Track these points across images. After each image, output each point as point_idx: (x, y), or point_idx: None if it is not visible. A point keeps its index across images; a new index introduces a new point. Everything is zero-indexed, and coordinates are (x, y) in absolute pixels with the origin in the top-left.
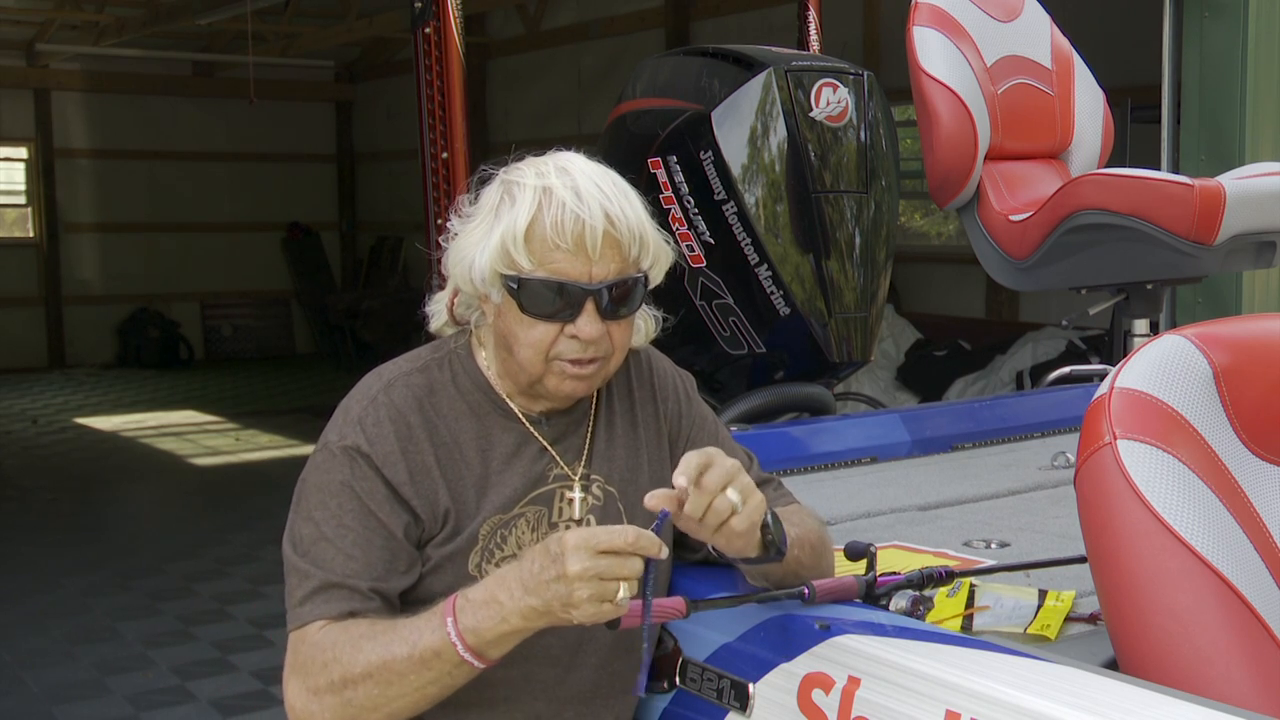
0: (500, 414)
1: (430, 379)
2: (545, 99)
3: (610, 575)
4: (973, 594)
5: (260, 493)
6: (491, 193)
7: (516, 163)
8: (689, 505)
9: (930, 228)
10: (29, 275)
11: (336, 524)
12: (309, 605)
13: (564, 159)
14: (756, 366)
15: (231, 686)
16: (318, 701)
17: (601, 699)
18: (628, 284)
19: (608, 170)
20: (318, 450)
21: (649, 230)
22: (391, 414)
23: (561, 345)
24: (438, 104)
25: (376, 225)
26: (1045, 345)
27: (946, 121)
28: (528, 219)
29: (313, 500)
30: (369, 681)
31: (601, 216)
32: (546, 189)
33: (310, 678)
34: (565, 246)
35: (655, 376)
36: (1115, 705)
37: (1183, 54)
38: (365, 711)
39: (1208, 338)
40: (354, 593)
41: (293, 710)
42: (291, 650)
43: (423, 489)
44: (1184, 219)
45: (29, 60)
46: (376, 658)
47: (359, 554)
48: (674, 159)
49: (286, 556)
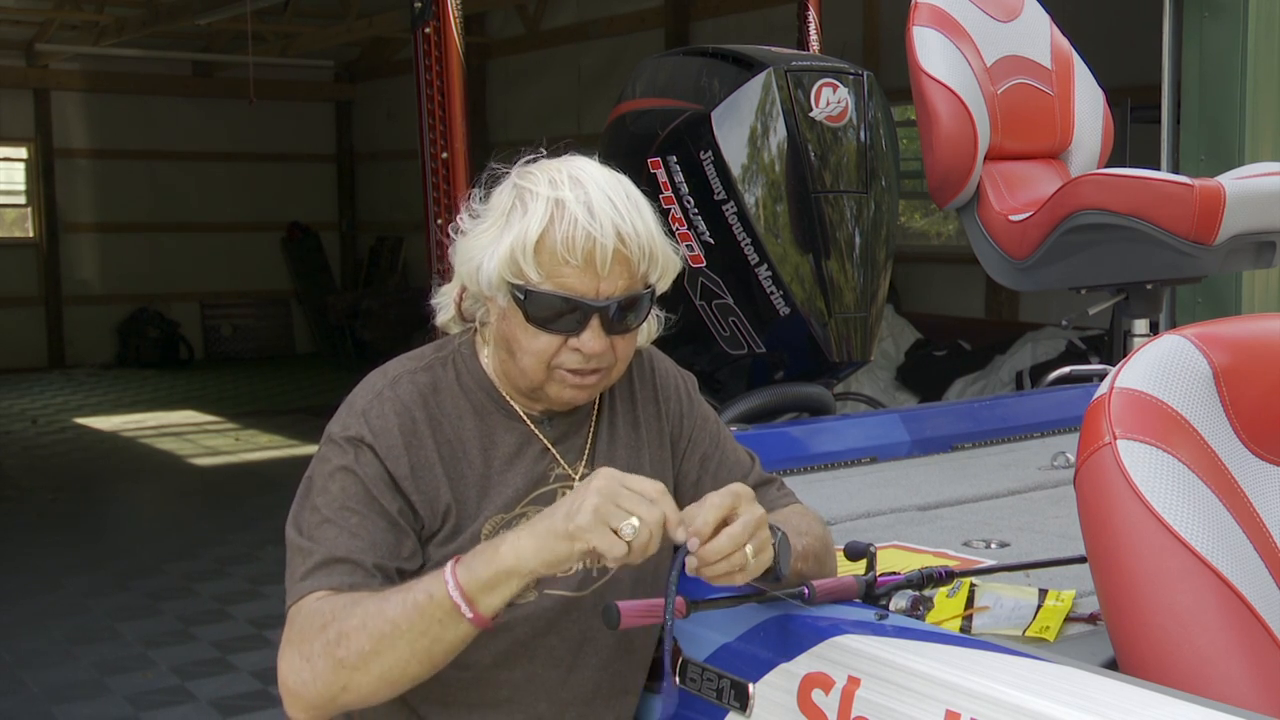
0: (503, 414)
1: (434, 377)
2: (545, 99)
3: (627, 505)
4: (973, 594)
5: (260, 493)
6: (504, 195)
7: (530, 164)
8: (703, 555)
9: (930, 228)
10: (29, 275)
11: (339, 507)
12: (310, 579)
13: (578, 167)
14: (756, 366)
15: (231, 686)
16: (310, 667)
17: (603, 699)
18: (635, 299)
19: (621, 180)
20: (321, 443)
21: (659, 243)
22: (397, 408)
23: (564, 356)
24: (437, 104)
25: (376, 225)
26: (1045, 345)
27: (946, 121)
28: (539, 231)
29: (316, 488)
30: (361, 634)
31: (613, 234)
32: (559, 201)
33: (304, 644)
34: (575, 262)
35: (657, 376)
36: (1115, 705)
37: (1182, 54)
38: (355, 672)
39: (1208, 338)
40: (357, 567)
41: (284, 684)
42: (288, 624)
43: (424, 484)
44: (1184, 219)
45: (29, 60)
46: (372, 608)
47: (363, 534)
48: (674, 159)
49: (289, 539)
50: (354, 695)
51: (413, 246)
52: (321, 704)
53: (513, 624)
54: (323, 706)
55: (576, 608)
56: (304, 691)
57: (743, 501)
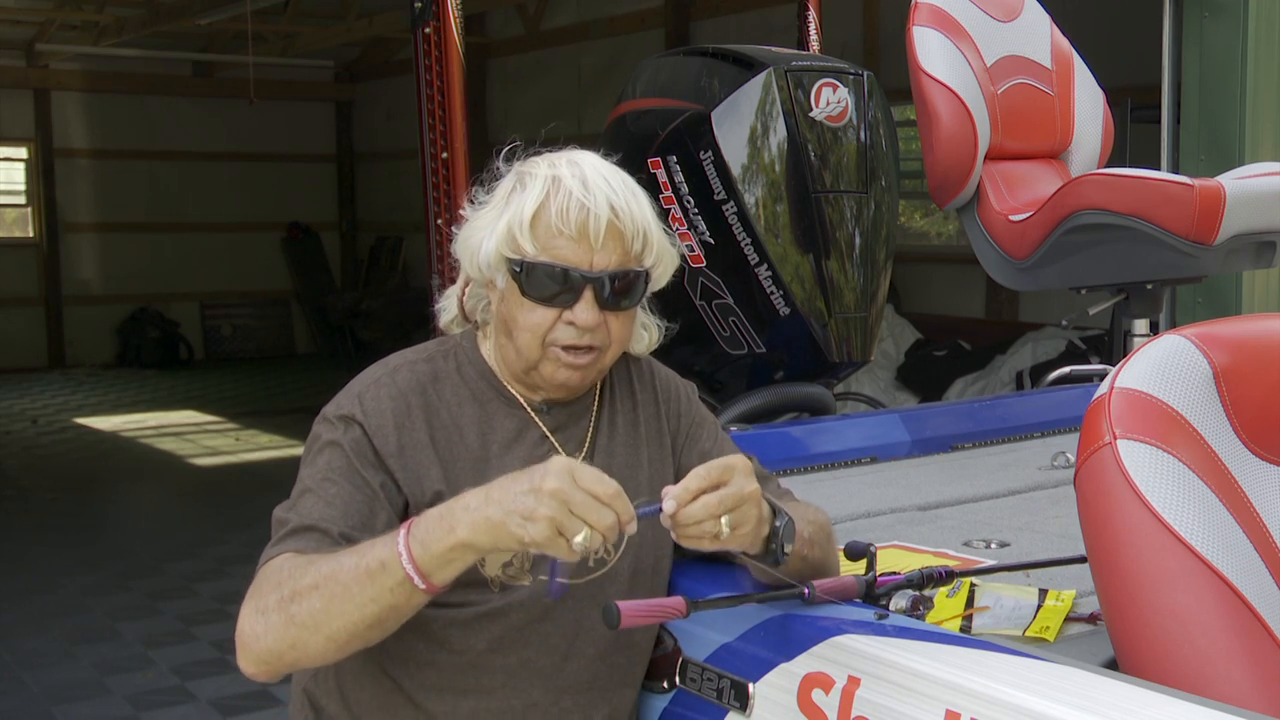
0: (503, 401)
1: (435, 368)
2: (545, 99)
3: (580, 512)
4: (973, 594)
5: (260, 493)
6: (506, 182)
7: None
8: (676, 518)
9: (930, 228)
10: (29, 275)
11: (321, 478)
12: (280, 545)
13: (577, 153)
14: (756, 366)
15: (231, 686)
16: (263, 621)
17: (599, 690)
18: (629, 276)
19: (619, 169)
20: (315, 423)
21: (654, 229)
22: (392, 393)
23: (559, 331)
24: (438, 104)
25: (376, 225)
26: (1045, 345)
27: (946, 121)
28: (535, 205)
29: (304, 462)
30: (315, 594)
31: (606, 207)
32: (556, 178)
33: (260, 598)
34: (569, 233)
35: (657, 380)
36: (1115, 705)
37: (1183, 54)
38: (305, 631)
39: (1208, 338)
40: (325, 535)
41: (240, 636)
42: (253, 582)
43: (412, 463)
44: (1184, 219)
45: (29, 60)
46: (327, 569)
47: (338, 503)
48: (674, 159)
49: (274, 515)
50: (302, 653)
51: (413, 246)
52: (270, 659)
53: (507, 610)
54: (271, 662)
55: (571, 595)
56: (254, 645)
57: (735, 474)
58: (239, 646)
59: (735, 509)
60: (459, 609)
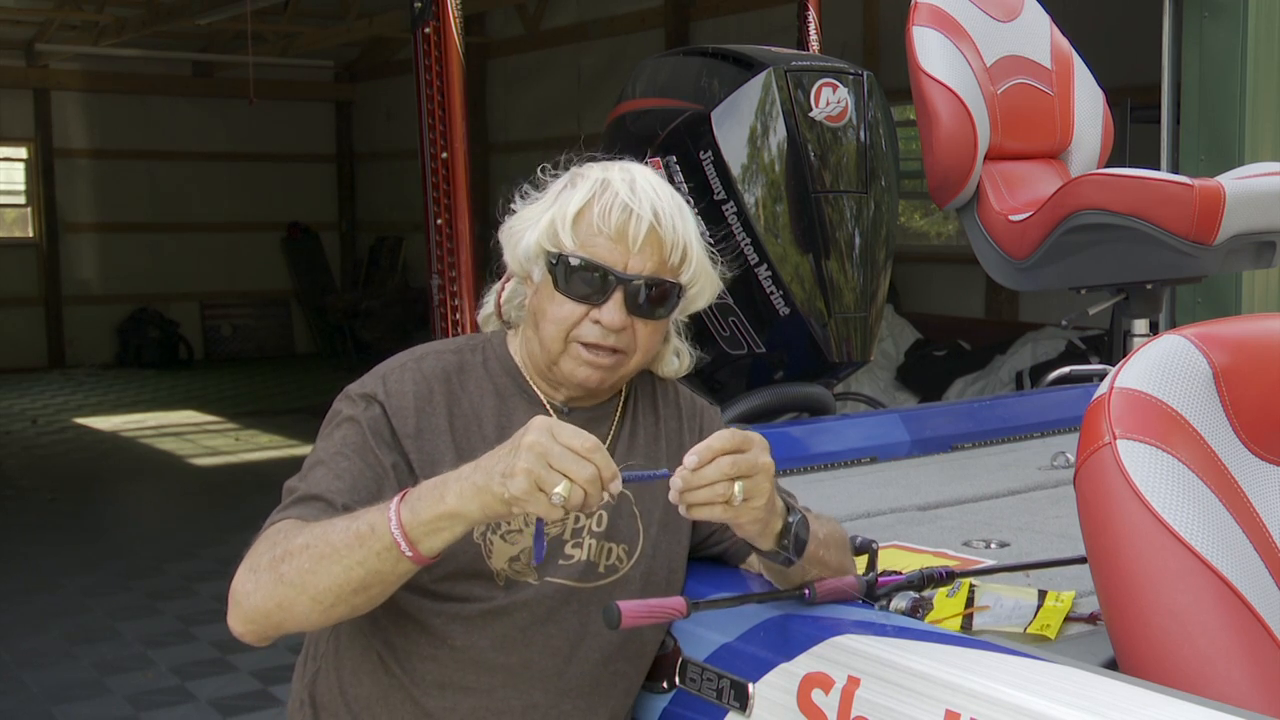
0: (524, 397)
1: (462, 360)
2: (545, 99)
3: (558, 465)
4: (972, 594)
5: (260, 493)
6: (559, 181)
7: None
8: (687, 480)
9: (930, 228)
10: (29, 275)
11: (335, 451)
12: (284, 511)
13: (632, 164)
14: (756, 366)
15: (231, 686)
16: (254, 579)
17: (601, 695)
18: (663, 286)
19: (673, 190)
20: (336, 400)
21: (695, 246)
22: (416, 377)
23: (584, 328)
24: (437, 104)
25: (376, 225)
26: (1045, 345)
27: (946, 121)
28: (580, 203)
29: (321, 435)
30: (304, 553)
31: (649, 211)
32: (605, 180)
33: (255, 557)
34: (608, 232)
35: (682, 399)
36: (1115, 705)
37: (1182, 54)
38: (292, 590)
39: (1207, 338)
40: (330, 506)
41: (232, 593)
42: (251, 545)
43: (427, 447)
44: (1184, 219)
45: (29, 60)
46: (319, 531)
47: (347, 477)
48: (674, 159)
49: (285, 485)
50: (288, 614)
51: (412, 246)
52: (258, 617)
53: (511, 609)
54: (259, 621)
55: (577, 599)
56: (244, 602)
57: (753, 446)
58: (230, 604)
59: (750, 476)
60: (463, 604)
